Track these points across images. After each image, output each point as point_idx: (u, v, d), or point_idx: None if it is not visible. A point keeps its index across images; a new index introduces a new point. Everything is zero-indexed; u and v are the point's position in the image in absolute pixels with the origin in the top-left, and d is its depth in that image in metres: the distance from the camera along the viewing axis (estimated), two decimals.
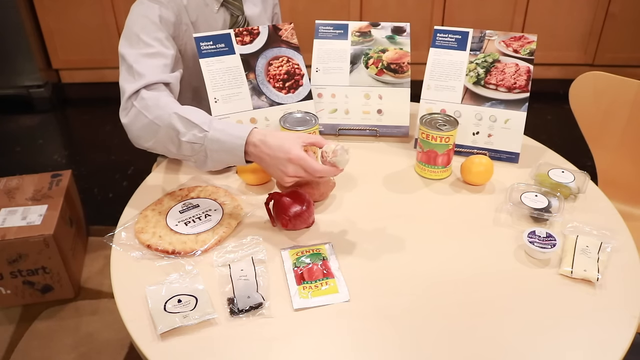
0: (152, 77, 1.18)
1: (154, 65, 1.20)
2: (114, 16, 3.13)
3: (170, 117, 1.10)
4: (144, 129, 1.14)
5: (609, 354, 0.85)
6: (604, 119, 1.59)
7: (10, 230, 1.78)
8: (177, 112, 1.10)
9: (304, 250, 1.03)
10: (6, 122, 3.13)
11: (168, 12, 1.27)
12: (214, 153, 1.09)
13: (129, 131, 1.17)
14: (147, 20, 1.24)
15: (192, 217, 1.11)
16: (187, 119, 1.09)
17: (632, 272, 1.00)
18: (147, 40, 1.22)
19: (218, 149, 1.08)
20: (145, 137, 1.14)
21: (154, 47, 1.22)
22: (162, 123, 1.11)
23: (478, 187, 1.23)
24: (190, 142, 1.09)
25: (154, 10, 1.25)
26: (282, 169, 1.04)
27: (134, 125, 1.15)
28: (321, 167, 1.03)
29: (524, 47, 1.30)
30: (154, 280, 0.97)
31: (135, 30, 1.23)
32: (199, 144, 1.09)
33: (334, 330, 0.89)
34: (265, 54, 1.32)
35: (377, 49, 1.39)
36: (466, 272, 1.00)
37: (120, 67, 1.22)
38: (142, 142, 1.16)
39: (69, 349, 1.75)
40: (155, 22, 1.25)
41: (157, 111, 1.12)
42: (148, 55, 1.21)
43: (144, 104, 1.14)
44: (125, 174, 2.65)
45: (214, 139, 1.08)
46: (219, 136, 1.07)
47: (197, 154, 1.11)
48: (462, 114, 1.31)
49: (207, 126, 1.08)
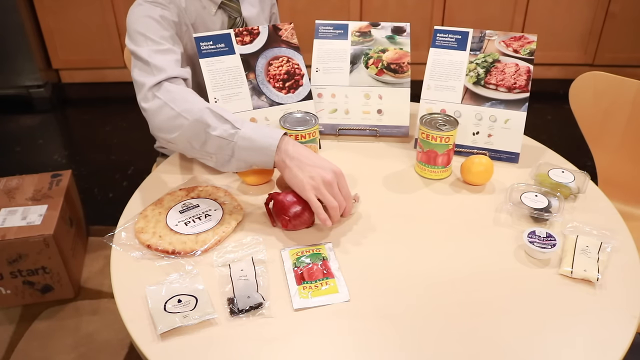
0: (172, 71, 1.17)
1: (169, 60, 1.20)
2: (114, 16, 3.13)
3: (201, 111, 1.09)
4: (169, 121, 1.12)
5: (609, 354, 0.85)
6: (604, 119, 1.59)
7: (10, 230, 1.78)
8: (210, 108, 1.10)
9: (304, 250, 1.03)
10: (6, 122, 3.13)
11: (169, 13, 1.27)
12: (242, 151, 1.08)
13: (152, 121, 1.15)
14: (150, 20, 1.24)
15: (192, 217, 1.11)
16: (220, 115, 1.09)
17: (632, 272, 1.00)
18: (155, 38, 1.22)
19: (248, 147, 1.08)
20: (170, 129, 1.12)
21: (163, 44, 1.22)
22: (191, 117, 1.09)
23: (478, 187, 1.23)
24: (221, 137, 1.08)
25: (155, 11, 1.25)
26: (321, 173, 1.04)
27: (156, 117, 1.13)
28: (350, 194, 1.06)
29: (524, 47, 1.30)
30: (154, 280, 0.97)
31: (141, 30, 1.23)
32: (228, 140, 1.08)
33: (334, 330, 0.89)
34: (265, 54, 1.32)
35: (377, 49, 1.39)
36: (466, 272, 1.00)
37: (133, 63, 1.22)
38: (164, 134, 1.14)
39: (69, 349, 1.75)
40: (159, 21, 1.25)
41: (186, 105, 1.11)
42: (160, 51, 1.20)
43: (170, 97, 1.12)
44: (125, 174, 2.65)
45: (246, 137, 1.07)
46: (251, 134, 1.07)
47: (222, 152, 1.10)
48: (462, 114, 1.31)
49: (240, 124, 1.09)
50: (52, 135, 3.00)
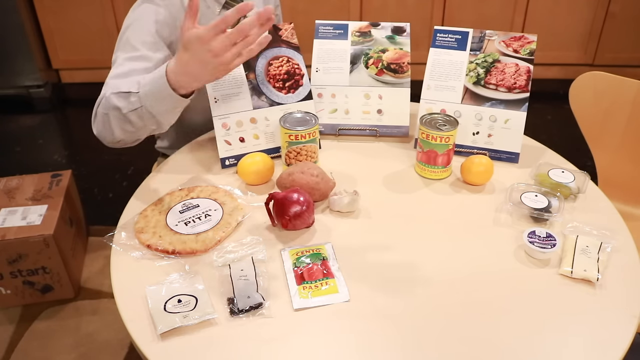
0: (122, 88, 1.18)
1: (136, 69, 1.21)
2: (114, 16, 3.13)
3: (108, 100, 1.13)
4: (106, 126, 1.17)
5: (609, 354, 0.85)
6: (604, 119, 1.59)
7: (10, 230, 1.78)
8: (112, 92, 1.13)
9: (304, 250, 1.03)
10: (6, 122, 3.13)
11: (165, 13, 1.27)
12: (154, 106, 1.10)
13: (102, 138, 1.20)
14: (139, 23, 1.27)
15: (192, 217, 1.11)
16: (119, 92, 1.12)
17: (632, 272, 1.00)
18: (135, 43, 1.24)
19: (153, 100, 1.09)
20: (111, 131, 1.17)
21: (139, 50, 1.24)
22: (108, 110, 1.14)
23: (478, 187, 1.23)
24: (132, 110, 1.11)
25: (149, 12, 1.26)
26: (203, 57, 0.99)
27: (100, 128, 1.18)
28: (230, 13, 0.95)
29: (524, 47, 1.30)
30: (154, 280, 0.97)
31: (127, 34, 1.26)
32: (139, 107, 1.10)
33: (334, 331, 0.89)
34: (265, 54, 1.32)
35: (377, 49, 1.39)
36: (466, 272, 1.00)
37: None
38: (109, 139, 1.19)
39: (69, 349, 1.75)
40: (148, 24, 1.26)
41: (103, 104, 1.15)
42: (133, 58, 1.22)
43: (98, 110, 1.17)
44: (125, 174, 2.65)
45: (146, 95, 1.09)
46: (147, 90, 1.09)
47: (146, 118, 1.12)
48: (462, 114, 1.31)
49: (137, 87, 1.10)
50: (52, 135, 3.00)
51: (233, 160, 1.28)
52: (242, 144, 1.29)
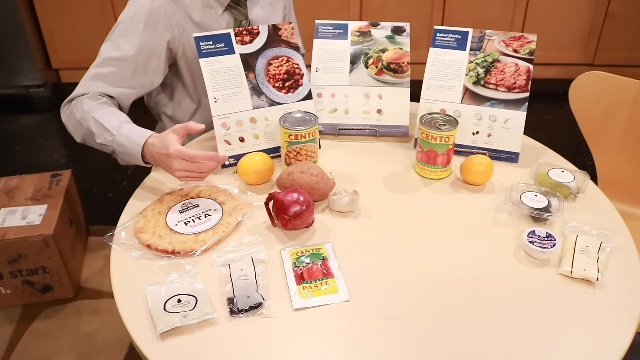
0: (98, 89, 1.29)
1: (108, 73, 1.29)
2: (114, 16, 3.13)
3: (88, 120, 1.23)
4: (75, 127, 1.27)
5: (609, 354, 0.85)
6: (604, 119, 1.59)
7: (10, 230, 1.78)
8: (94, 117, 1.22)
9: (304, 250, 1.03)
10: (6, 122, 3.13)
11: (160, 8, 1.28)
12: (121, 155, 1.21)
13: (67, 127, 1.30)
14: (130, 21, 1.29)
15: (192, 217, 1.11)
16: (100, 124, 1.22)
17: (632, 272, 1.00)
18: (120, 42, 1.29)
19: (123, 152, 1.20)
20: (76, 133, 1.28)
21: (122, 50, 1.29)
22: (85, 124, 1.24)
23: (478, 187, 1.23)
24: (103, 144, 1.23)
25: (143, 8, 1.28)
26: (169, 164, 1.11)
27: (68, 122, 1.29)
28: (202, 154, 1.10)
29: (524, 47, 1.30)
30: (154, 280, 0.97)
31: (119, 29, 1.31)
32: (110, 146, 1.22)
33: (334, 330, 0.89)
34: (265, 54, 1.32)
35: (377, 49, 1.39)
36: (466, 272, 1.00)
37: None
38: (75, 138, 1.29)
39: (69, 349, 1.75)
40: (137, 22, 1.28)
41: (82, 113, 1.25)
42: (113, 60, 1.29)
43: (75, 104, 1.27)
44: (125, 174, 2.65)
45: (120, 144, 1.19)
46: (123, 141, 1.19)
47: (108, 151, 1.23)
48: (462, 114, 1.31)
49: (117, 131, 1.20)
50: (52, 135, 3.00)
51: (233, 160, 1.28)
52: (242, 144, 1.29)
